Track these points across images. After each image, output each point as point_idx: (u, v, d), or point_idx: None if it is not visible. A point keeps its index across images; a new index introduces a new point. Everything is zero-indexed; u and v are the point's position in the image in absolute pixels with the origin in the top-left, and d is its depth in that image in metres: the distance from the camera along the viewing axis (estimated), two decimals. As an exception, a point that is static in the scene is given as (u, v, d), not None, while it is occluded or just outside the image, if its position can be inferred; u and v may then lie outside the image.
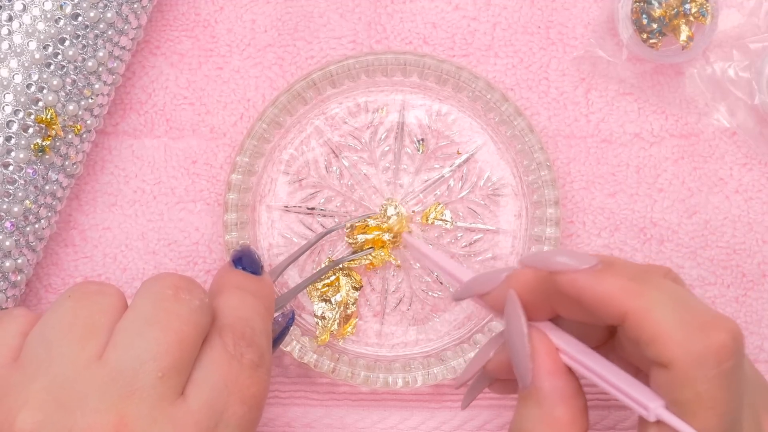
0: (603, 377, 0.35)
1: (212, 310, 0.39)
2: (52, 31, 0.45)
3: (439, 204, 0.50)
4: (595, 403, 0.50)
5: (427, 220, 0.50)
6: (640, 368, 0.37)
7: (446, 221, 0.50)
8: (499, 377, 0.41)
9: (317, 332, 0.50)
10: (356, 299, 0.50)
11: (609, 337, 0.39)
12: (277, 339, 0.45)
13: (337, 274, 0.50)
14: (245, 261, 0.43)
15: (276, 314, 0.45)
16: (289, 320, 0.45)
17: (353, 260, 0.50)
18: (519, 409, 0.37)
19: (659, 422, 0.34)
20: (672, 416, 0.33)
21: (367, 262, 0.50)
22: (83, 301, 0.38)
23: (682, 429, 0.33)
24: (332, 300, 0.50)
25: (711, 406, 0.33)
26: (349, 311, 0.50)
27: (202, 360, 0.37)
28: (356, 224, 0.50)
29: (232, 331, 0.38)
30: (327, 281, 0.50)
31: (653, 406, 0.34)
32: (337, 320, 0.50)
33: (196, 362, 0.37)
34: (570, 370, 0.36)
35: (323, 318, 0.50)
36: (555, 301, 0.37)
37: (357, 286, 0.50)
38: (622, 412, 0.50)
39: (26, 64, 0.45)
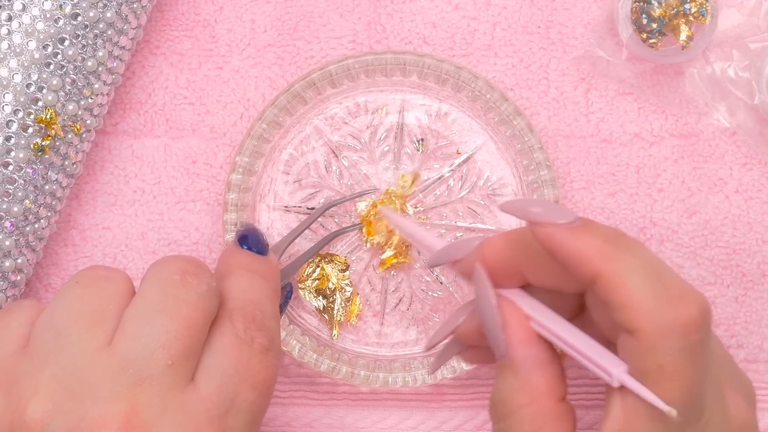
0: (568, 343, 0.35)
1: (219, 293, 0.39)
2: (52, 31, 0.45)
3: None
4: (595, 402, 0.50)
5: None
6: (610, 340, 0.37)
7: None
8: (469, 343, 0.40)
9: (333, 332, 0.50)
10: (349, 279, 0.50)
11: (579, 311, 0.39)
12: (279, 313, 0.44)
13: (321, 265, 0.50)
14: (251, 240, 0.42)
15: None
16: (288, 293, 0.45)
17: (350, 230, 0.50)
18: (497, 380, 0.37)
19: (623, 388, 0.34)
20: (634, 381, 0.33)
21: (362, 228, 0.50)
22: (91, 287, 0.37)
23: (643, 394, 0.33)
24: (327, 290, 0.50)
25: (674, 378, 0.33)
26: (347, 293, 0.50)
27: (212, 345, 0.37)
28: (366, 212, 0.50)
29: (243, 315, 0.38)
30: (314, 276, 0.50)
31: (616, 372, 0.34)
32: (341, 307, 0.50)
33: (206, 347, 0.37)
34: (542, 338, 0.36)
35: (328, 310, 0.50)
36: (526, 267, 0.37)
37: (343, 268, 0.50)
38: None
39: (26, 64, 0.45)
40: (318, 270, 0.50)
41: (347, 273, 0.50)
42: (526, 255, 0.37)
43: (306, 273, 0.50)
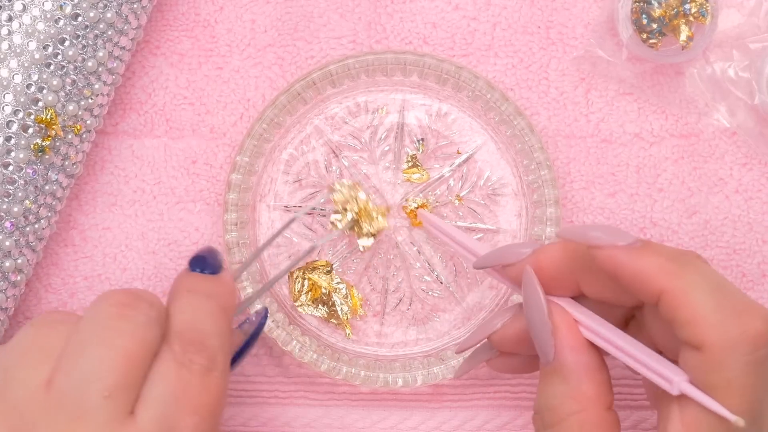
0: (625, 350, 0.35)
1: (163, 323, 0.38)
2: (52, 32, 0.45)
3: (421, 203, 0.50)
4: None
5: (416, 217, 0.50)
6: (662, 352, 0.37)
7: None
8: (504, 350, 0.40)
9: (346, 332, 0.50)
10: (339, 277, 0.50)
11: (627, 321, 0.39)
12: (252, 338, 0.43)
13: (306, 276, 0.50)
14: (200, 261, 0.41)
15: (251, 313, 0.45)
16: (263, 319, 0.44)
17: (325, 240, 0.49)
18: (543, 387, 0.37)
19: (681, 399, 0.34)
20: (696, 390, 0.33)
21: (338, 234, 0.50)
22: (43, 328, 0.37)
23: (706, 403, 0.33)
24: (323, 296, 0.50)
25: (740, 392, 0.33)
26: (343, 291, 0.50)
27: (151, 374, 0.36)
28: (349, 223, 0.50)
29: (180, 337, 0.37)
30: (305, 289, 0.50)
31: (677, 380, 0.34)
32: (343, 305, 0.50)
33: (147, 377, 0.36)
34: (592, 344, 0.36)
35: (333, 314, 0.50)
36: (582, 279, 0.37)
37: (328, 270, 0.50)
38: (643, 411, 0.50)
39: (26, 65, 0.45)
40: (306, 282, 0.50)
41: (332, 273, 0.50)
42: (584, 267, 0.37)
43: (297, 290, 0.50)
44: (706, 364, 0.33)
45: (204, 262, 0.41)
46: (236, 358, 0.42)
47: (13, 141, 0.45)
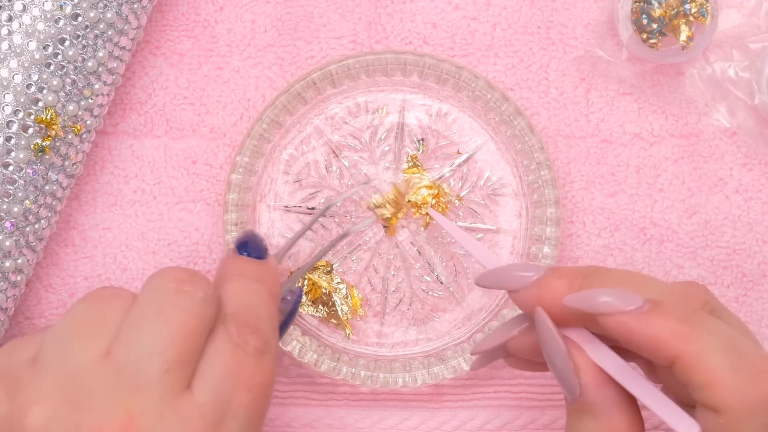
0: (637, 398, 0.35)
1: (217, 301, 0.39)
2: (52, 32, 0.45)
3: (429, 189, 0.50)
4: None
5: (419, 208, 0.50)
6: (669, 387, 0.37)
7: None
8: (520, 356, 0.40)
9: (346, 332, 0.50)
10: (339, 277, 0.50)
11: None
12: (288, 319, 0.44)
13: (306, 276, 0.50)
14: (248, 246, 0.42)
15: (284, 294, 0.45)
16: (297, 297, 0.45)
17: (361, 228, 0.49)
18: (574, 423, 0.37)
19: None
20: None
21: (372, 222, 0.50)
22: (96, 302, 0.38)
23: None
24: (323, 297, 0.50)
25: None
26: (343, 291, 0.50)
27: (207, 351, 0.37)
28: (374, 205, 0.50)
29: (236, 319, 0.38)
30: (305, 290, 0.50)
31: None
32: (343, 305, 0.50)
33: (203, 354, 0.37)
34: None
35: (333, 315, 0.50)
36: (585, 321, 0.36)
37: (328, 270, 0.50)
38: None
39: (26, 65, 0.45)
40: (306, 282, 0.50)
41: (333, 273, 0.50)
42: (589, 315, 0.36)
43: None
44: (724, 427, 0.33)
45: (251, 247, 0.42)
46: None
47: (13, 141, 0.45)
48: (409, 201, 0.50)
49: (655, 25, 0.50)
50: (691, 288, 0.37)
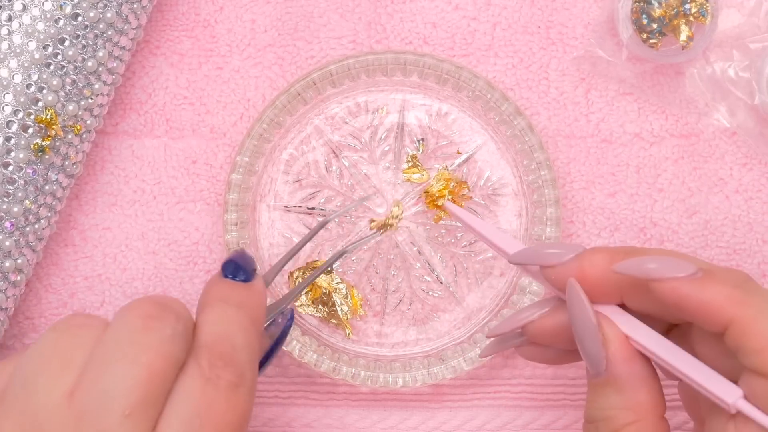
0: (677, 368, 0.35)
1: (189, 336, 0.37)
2: (52, 31, 0.45)
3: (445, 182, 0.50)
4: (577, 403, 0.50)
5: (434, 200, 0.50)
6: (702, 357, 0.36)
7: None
8: (537, 342, 0.40)
9: (346, 332, 0.50)
10: (339, 277, 0.50)
11: (669, 329, 0.38)
12: (278, 341, 0.42)
13: (305, 277, 0.50)
14: (234, 267, 0.40)
15: (276, 315, 0.44)
16: (289, 320, 0.43)
17: (358, 245, 0.49)
18: (595, 397, 0.36)
19: (737, 415, 0.34)
20: (756, 410, 0.33)
21: (373, 241, 0.50)
22: (65, 333, 0.36)
23: (762, 420, 0.33)
24: (323, 297, 0.50)
25: None
26: (343, 291, 0.50)
27: (176, 389, 0.35)
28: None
29: (209, 351, 0.36)
30: (305, 290, 0.50)
31: (732, 400, 0.33)
32: (343, 305, 0.50)
33: (171, 392, 0.35)
34: (642, 353, 0.36)
35: (333, 315, 0.50)
36: (626, 293, 0.36)
37: (328, 270, 0.50)
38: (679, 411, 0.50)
39: (26, 64, 0.45)
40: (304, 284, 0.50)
41: (332, 273, 0.50)
42: (630, 283, 0.36)
43: None
44: None
45: (237, 268, 0.40)
46: (263, 362, 0.41)
47: (13, 141, 0.45)
48: (426, 192, 0.50)
49: (655, 25, 0.50)
50: (732, 269, 0.37)
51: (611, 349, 0.36)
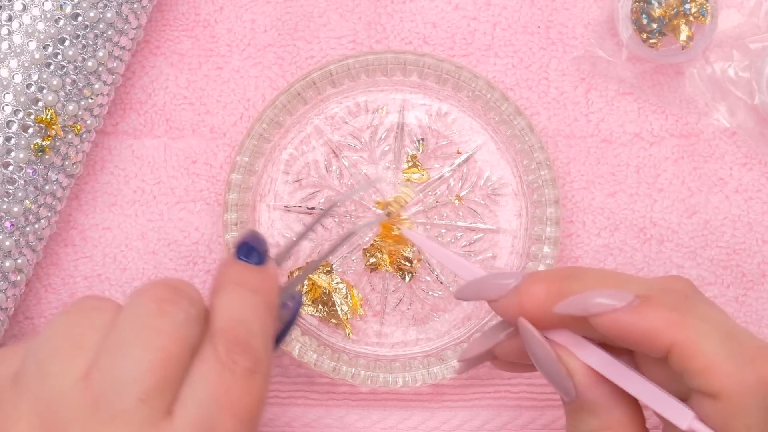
0: (631, 390, 0.35)
1: (202, 319, 0.37)
2: (52, 31, 0.45)
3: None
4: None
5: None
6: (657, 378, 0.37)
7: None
8: (507, 360, 0.40)
9: (346, 332, 0.50)
10: (339, 277, 0.50)
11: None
12: (286, 328, 0.41)
13: (306, 277, 0.49)
14: (248, 249, 0.39)
15: (284, 299, 0.42)
16: (297, 304, 0.42)
17: (365, 226, 0.49)
18: (574, 423, 0.36)
19: None
20: (706, 428, 0.33)
21: (377, 229, 0.50)
22: (77, 316, 0.36)
23: None
24: (323, 296, 0.50)
25: None
26: (342, 291, 0.50)
27: (192, 373, 0.35)
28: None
29: (225, 336, 0.36)
30: (304, 289, 0.50)
31: (685, 425, 0.34)
32: (343, 305, 0.50)
33: (187, 376, 0.35)
34: None
35: (333, 315, 0.50)
36: (568, 323, 0.36)
37: (328, 270, 0.50)
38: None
39: (26, 64, 0.45)
40: (306, 282, 0.50)
41: (332, 272, 0.50)
42: (572, 316, 0.36)
43: (297, 288, 0.50)
44: (723, 411, 0.33)
45: (251, 250, 0.39)
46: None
47: (13, 141, 0.45)
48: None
49: (655, 25, 0.50)
50: (673, 282, 0.37)
51: (576, 379, 0.36)
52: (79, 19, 0.46)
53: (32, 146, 0.45)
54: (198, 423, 0.34)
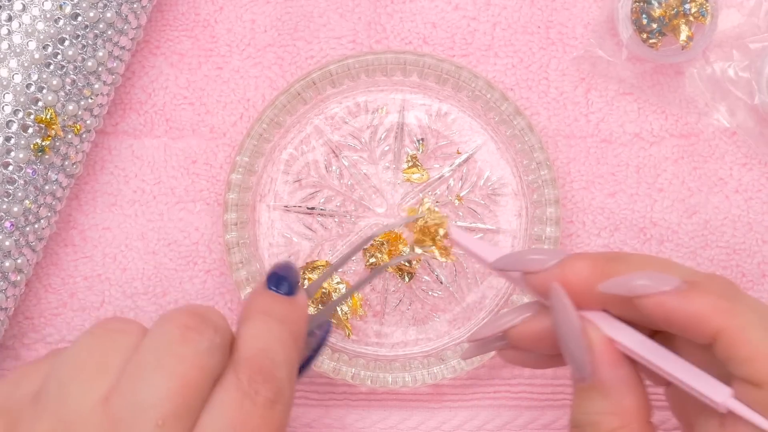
0: (664, 370, 0.35)
1: (226, 349, 0.37)
2: (52, 31, 0.45)
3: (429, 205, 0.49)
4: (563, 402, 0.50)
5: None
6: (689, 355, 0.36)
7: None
8: (519, 346, 0.39)
9: (346, 332, 0.50)
10: (339, 277, 0.50)
11: (654, 333, 0.38)
12: (312, 355, 0.41)
13: (305, 276, 0.49)
14: (278, 280, 0.39)
15: (312, 328, 0.42)
16: (325, 333, 0.42)
17: (396, 263, 0.49)
18: (581, 402, 0.36)
19: (723, 415, 0.34)
20: (743, 406, 0.33)
21: (404, 261, 0.49)
22: (101, 338, 0.36)
23: (758, 421, 0.33)
24: (323, 297, 0.50)
25: None
26: (343, 291, 0.50)
27: (212, 401, 0.35)
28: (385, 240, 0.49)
29: (249, 365, 0.36)
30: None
31: (722, 399, 0.33)
32: (344, 305, 0.50)
33: (207, 404, 0.35)
34: (628, 357, 0.36)
35: (335, 315, 0.50)
36: (608, 302, 0.36)
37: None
38: (666, 412, 0.50)
39: (26, 64, 0.45)
40: (306, 282, 0.50)
41: (332, 275, 0.50)
42: (615, 295, 0.36)
43: None
44: (766, 400, 0.33)
45: (281, 280, 0.39)
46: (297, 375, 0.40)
47: (13, 141, 0.45)
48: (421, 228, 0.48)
49: (655, 25, 0.50)
50: (715, 275, 0.36)
51: (596, 354, 0.36)
52: (79, 19, 0.46)
53: (32, 146, 0.45)
54: None
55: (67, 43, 0.46)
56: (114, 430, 0.34)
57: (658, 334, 0.38)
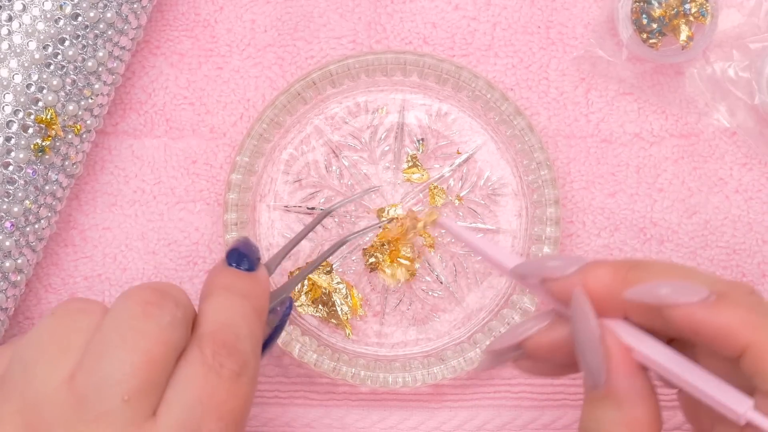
0: (684, 380, 0.34)
1: (188, 323, 0.37)
2: (52, 31, 0.45)
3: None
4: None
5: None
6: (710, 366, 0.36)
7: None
8: (536, 356, 0.39)
9: (346, 332, 0.50)
10: (339, 277, 0.50)
11: (671, 340, 0.38)
12: (275, 331, 0.42)
13: (305, 277, 0.49)
14: (238, 256, 0.40)
15: (274, 305, 0.43)
16: (287, 309, 0.43)
17: (358, 235, 0.48)
18: (592, 411, 0.36)
19: (745, 426, 0.33)
20: (764, 419, 0.33)
21: (373, 236, 0.49)
22: (63, 319, 0.37)
23: None
24: (322, 296, 0.50)
25: None
26: (343, 291, 0.50)
27: (177, 376, 0.35)
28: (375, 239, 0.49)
29: (212, 339, 0.36)
30: (304, 289, 0.50)
31: (743, 410, 0.33)
32: (343, 305, 0.50)
33: (172, 378, 0.35)
34: (642, 367, 0.35)
35: (333, 315, 0.50)
36: (629, 310, 0.36)
37: (328, 270, 0.50)
38: (668, 411, 0.49)
39: (26, 64, 0.45)
40: (306, 282, 0.50)
41: (332, 272, 0.50)
42: (637, 303, 0.35)
43: (296, 290, 0.50)
44: None
45: (241, 257, 0.40)
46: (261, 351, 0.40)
47: (13, 141, 0.45)
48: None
49: (655, 25, 0.50)
50: (739, 283, 0.36)
51: (612, 362, 0.35)
52: (79, 19, 0.46)
53: (32, 146, 0.45)
54: (182, 424, 0.34)
55: (67, 43, 0.46)
56: (80, 408, 0.34)
57: (674, 340, 0.38)
